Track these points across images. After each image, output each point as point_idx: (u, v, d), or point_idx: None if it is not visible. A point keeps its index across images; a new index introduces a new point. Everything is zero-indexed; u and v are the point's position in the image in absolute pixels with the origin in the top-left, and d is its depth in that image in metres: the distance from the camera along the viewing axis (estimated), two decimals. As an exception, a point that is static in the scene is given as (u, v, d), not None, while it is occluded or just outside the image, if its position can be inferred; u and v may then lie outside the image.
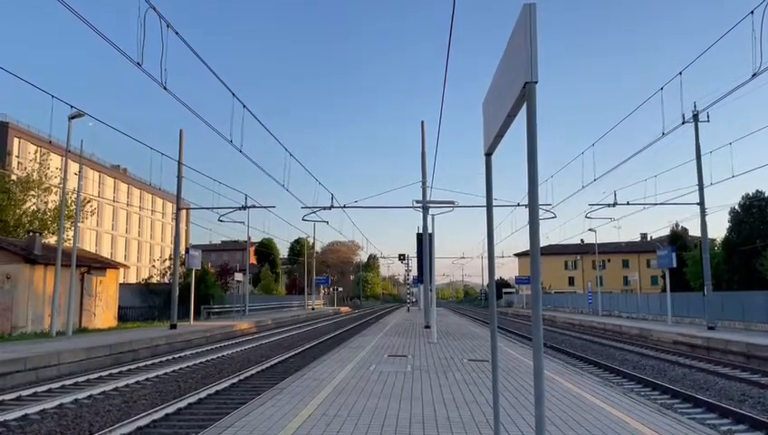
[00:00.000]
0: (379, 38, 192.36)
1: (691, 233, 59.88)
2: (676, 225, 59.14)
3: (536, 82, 3.28)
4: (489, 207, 4.72)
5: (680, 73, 19.17)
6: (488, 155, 4.75)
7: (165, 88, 12.46)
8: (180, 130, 29.48)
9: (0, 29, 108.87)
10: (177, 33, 12.09)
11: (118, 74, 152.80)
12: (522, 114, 3.55)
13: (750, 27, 13.70)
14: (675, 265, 31.59)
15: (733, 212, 46.47)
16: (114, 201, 71.94)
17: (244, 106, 16.91)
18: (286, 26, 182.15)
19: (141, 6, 10.86)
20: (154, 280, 47.91)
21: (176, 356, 19.88)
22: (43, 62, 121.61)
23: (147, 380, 14.44)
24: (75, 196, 31.27)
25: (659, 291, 49.25)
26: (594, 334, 31.53)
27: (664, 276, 33.16)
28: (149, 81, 12.38)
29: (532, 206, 3.30)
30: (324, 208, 29.02)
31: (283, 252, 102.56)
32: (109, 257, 49.94)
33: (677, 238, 55.85)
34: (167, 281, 42.90)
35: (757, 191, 45.72)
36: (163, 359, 18.96)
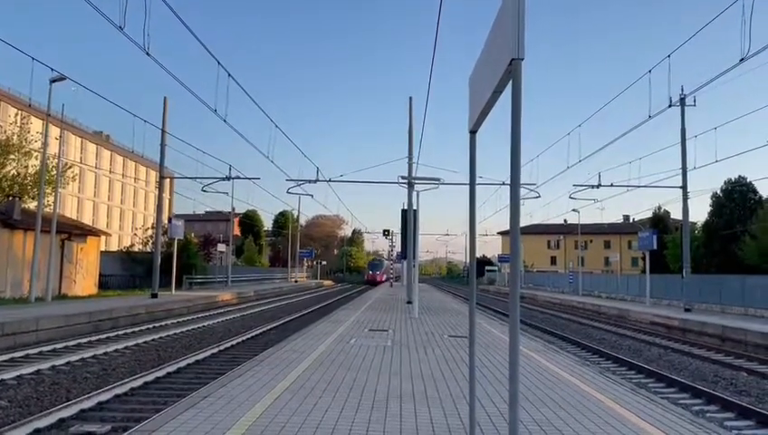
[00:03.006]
0: (368, 10, 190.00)
1: (673, 216, 60.38)
2: (659, 208, 59.57)
3: (522, 59, 3.22)
4: (472, 185, 4.69)
5: (669, 56, 19.17)
6: (473, 132, 4.70)
7: (147, 53, 12.23)
8: (164, 98, 29.12)
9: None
10: (161, -4, 11.81)
11: (100, 38, 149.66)
12: (508, 91, 3.50)
13: (740, 12, 13.68)
14: (656, 247, 31.94)
15: (714, 197, 46.97)
16: (96, 168, 71.02)
17: (230, 75, 16.69)
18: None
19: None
20: (136, 249, 47.59)
21: (156, 325, 19.86)
22: (22, 24, 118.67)
23: (126, 348, 14.42)
24: (56, 161, 30.80)
25: (639, 272, 49.90)
26: (574, 314, 31.93)
27: (644, 258, 33.57)
28: (133, 46, 12.14)
29: (514, 185, 3.27)
30: (309, 182, 28.92)
31: (268, 224, 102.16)
32: (90, 224, 49.48)
33: (659, 221, 56.34)
34: (149, 250, 42.64)
35: (739, 177, 46.19)
36: (143, 328, 18.94)
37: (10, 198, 26.91)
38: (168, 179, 35.18)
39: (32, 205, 30.35)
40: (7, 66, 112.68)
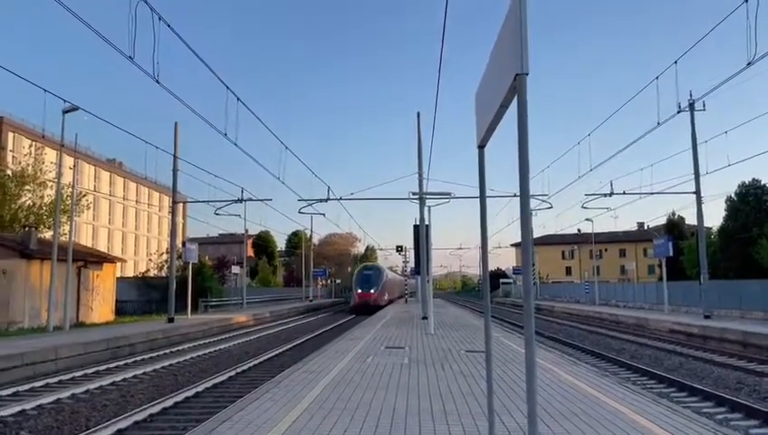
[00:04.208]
0: (374, 28, 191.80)
1: (688, 222, 59.89)
2: (673, 214, 59.17)
3: (527, 74, 3.25)
4: (482, 199, 4.70)
5: (675, 62, 19.15)
6: (481, 147, 4.72)
7: (157, 81, 12.40)
8: (175, 124, 29.36)
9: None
10: (168, 25, 12.01)
11: (111, 68, 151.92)
12: (514, 105, 3.52)
13: (744, 16, 13.66)
14: (671, 254, 31.65)
15: (729, 200, 46.55)
16: (110, 195, 71.78)
17: (239, 99, 16.85)
18: (279, 17, 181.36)
19: (132, -1, 10.77)
20: (151, 274, 47.92)
21: (173, 350, 19.89)
22: (35, 57, 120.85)
23: (144, 374, 14.45)
24: (71, 190, 31.18)
25: (656, 280, 49.42)
26: (591, 324, 31.62)
27: (661, 265, 33.25)
28: (143, 74, 12.31)
29: (524, 198, 3.28)
30: (321, 201, 29.00)
31: (281, 244, 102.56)
32: (105, 251, 49.91)
33: (674, 227, 55.92)
34: (164, 274, 42.90)
35: (753, 179, 45.81)
36: (160, 353, 18.98)
37: (26, 229, 27.21)
38: (180, 204, 35.49)
39: (48, 234, 30.69)
40: (21, 99, 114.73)
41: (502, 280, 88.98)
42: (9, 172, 36.03)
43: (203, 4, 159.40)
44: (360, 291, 46.51)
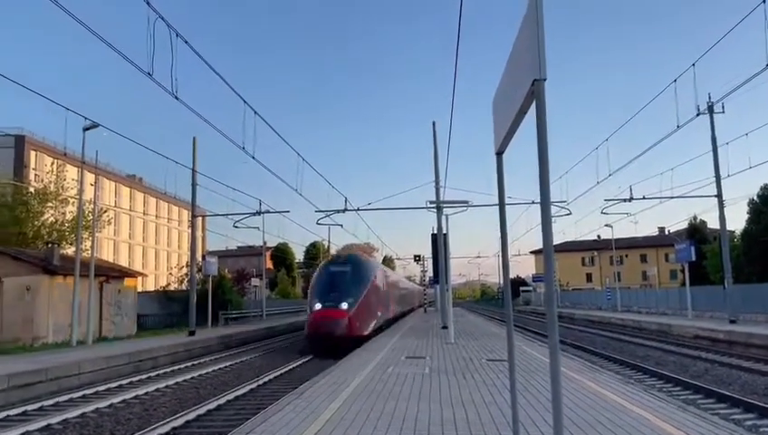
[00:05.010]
0: (388, 39, 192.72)
1: (710, 225, 59.01)
2: (695, 218, 58.32)
3: (545, 80, 3.23)
4: (501, 206, 4.67)
5: (693, 65, 18.97)
6: (499, 154, 4.70)
7: (176, 97, 12.53)
8: (193, 139, 29.64)
9: (12, 44, 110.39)
10: (186, 41, 12.15)
11: (130, 85, 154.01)
12: (532, 111, 3.49)
13: (762, 16, 13.51)
14: (694, 258, 31.21)
15: (751, 203, 45.78)
16: (131, 210, 72.58)
17: (256, 112, 16.97)
18: (294, 31, 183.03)
19: (150, 17, 10.92)
20: (172, 287, 48.17)
21: (195, 363, 19.99)
22: (55, 76, 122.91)
23: (166, 387, 14.53)
24: (92, 206, 31.57)
25: (679, 285, 48.74)
26: (614, 331, 31.24)
27: (683, 270, 32.80)
28: (162, 90, 12.45)
29: (544, 205, 3.25)
30: (338, 212, 29.00)
31: (299, 256, 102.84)
32: (126, 266, 50.37)
33: (696, 231, 55.13)
34: (184, 288, 43.10)
35: (776, 181, 45.01)
36: (182, 366, 19.07)
37: (49, 245, 27.57)
38: (200, 218, 35.79)
39: (70, 250, 31.05)
40: (42, 118, 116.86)
41: (522, 288, 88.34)
42: (32, 190, 36.59)
43: (218, 21, 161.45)
44: (318, 306, 22.73)
